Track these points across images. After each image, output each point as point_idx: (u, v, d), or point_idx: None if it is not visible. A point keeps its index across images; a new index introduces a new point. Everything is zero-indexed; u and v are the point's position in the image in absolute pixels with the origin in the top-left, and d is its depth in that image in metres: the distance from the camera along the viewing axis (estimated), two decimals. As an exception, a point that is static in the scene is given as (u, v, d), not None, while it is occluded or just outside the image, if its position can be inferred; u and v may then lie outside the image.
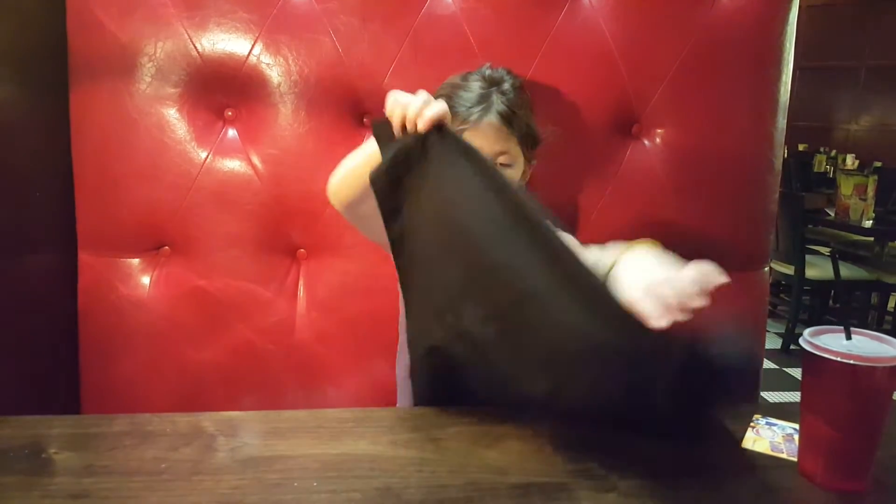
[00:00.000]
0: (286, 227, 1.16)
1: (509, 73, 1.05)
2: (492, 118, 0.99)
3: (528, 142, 1.04)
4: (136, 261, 1.15)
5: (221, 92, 1.13)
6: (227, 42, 1.11)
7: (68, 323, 1.15)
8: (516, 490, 0.67)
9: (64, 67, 1.11)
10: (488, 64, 1.05)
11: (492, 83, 1.01)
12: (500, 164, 1.00)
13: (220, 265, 1.15)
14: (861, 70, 5.72)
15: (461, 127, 0.97)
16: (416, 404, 0.93)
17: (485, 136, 0.99)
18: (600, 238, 1.20)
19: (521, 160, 1.03)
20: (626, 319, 0.65)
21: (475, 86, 1.01)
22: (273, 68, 1.12)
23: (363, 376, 1.14)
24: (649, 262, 0.79)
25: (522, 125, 1.02)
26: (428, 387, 0.89)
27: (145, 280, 1.15)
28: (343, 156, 1.14)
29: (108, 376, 1.15)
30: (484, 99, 0.99)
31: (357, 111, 1.15)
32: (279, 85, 1.12)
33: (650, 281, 0.69)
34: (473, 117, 0.99)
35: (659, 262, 0.77)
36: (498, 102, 1.00)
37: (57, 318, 1.15)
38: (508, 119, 1.00)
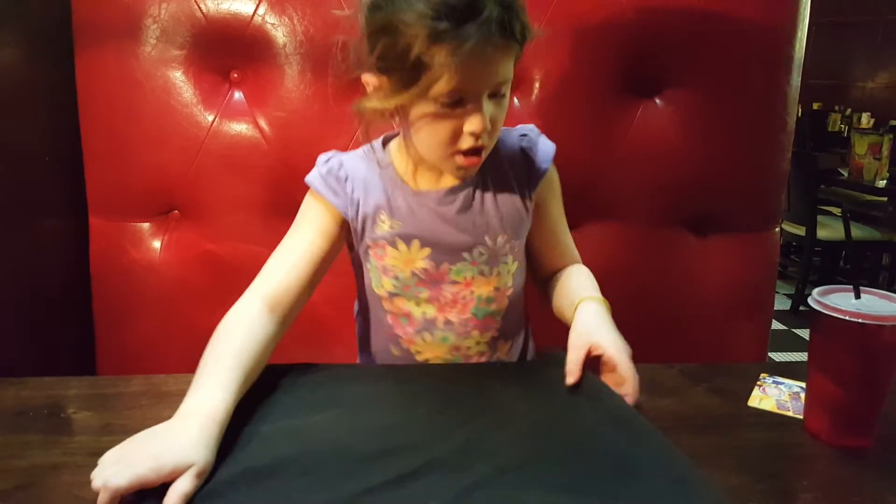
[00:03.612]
0: (294, 190, 1.16)
1: None
2: (491, 37, 0.68)
3: (525, 43, 0.74)
4: (146, 225, 1.16)
5: (227, 54, 1.12)
6: (231, 2, 1.10)
7: (81, 287, 1.16)
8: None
9: (68, 30, 1.10)
10: None
11: None
12: (498, 95, 0.74)
13: (230, 229, 1.16)
14: (879, 25, 5.57)
15: (451, 60, 0.67)
16: None
17: (485, 66, 0.70)
18: (612, 201, 1.20)
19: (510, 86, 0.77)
20: None
21: None
22: (278, 28, 1.10)
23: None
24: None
25: (523, 26, 0.72)
26: None
27: (156, 244, 1.16)
28: (349, 117, 1.13)
29: (122, 338, 1.17)
30: (475, 6, 0.67)
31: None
32: (285, 46, 1.11)
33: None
34: (468, 43, 0.66)
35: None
36: (493, 7, 0.67)
37: (70, 282, 1.16)
38: (510, 27, 0.69)
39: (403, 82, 0.71)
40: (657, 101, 1.18)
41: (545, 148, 0.88)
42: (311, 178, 0.86)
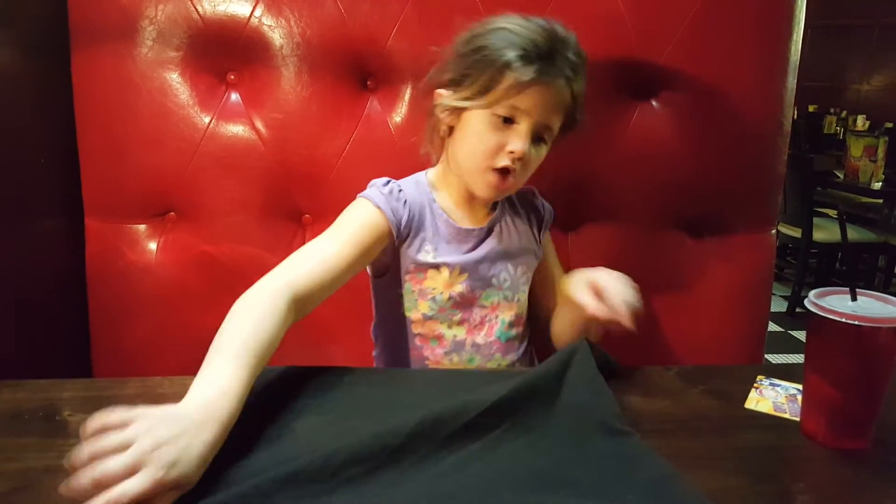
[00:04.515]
0: (291, 192, 1.16)
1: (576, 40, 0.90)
2: (562, 81, 0.86)
3: (569, 124, 0.92)
4: (142, 226, 1.16)
5: (223, 55, 1.12)
6: (228, 4, 1.09)
7: (77, 288, 1.16)
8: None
9: (65, 31, 1.10)
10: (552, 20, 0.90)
11: (558, 41, 0.86)
12: (538, 138, 0.88)
13: (226, 231, 1.15)
14: (874, 28, 5.60)
15: (530, 78, 0.83)
16: None
17: (550, 98, 0.86)
18: (609, 203, 1.20)
19: (550, 143, 0.92)
20: None
21: (538, 31, 0.85)
22: (275, 30, 1.10)
23: (368, 337, 1.15)
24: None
25: (577, 102, 0.89)
26: None
27: (152, 246, 1.15)
28: (346, 119, 1.14)
29: (118, 341, 1.16)
30: (552, 54, 0.85)
31: (360, 74, 1.14)
32: (281, 47, 1.11)
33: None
34: (551, 72, 0.84)
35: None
36: (564, 65, 0.86)
37: (66, 283, 1.16)
38: (574, 88, 0.88)
39: (478, 89, 0.86)
40: (653, 103, 1.19)
41: (547, 204, 1.06)
42: (371, 193, 0.92)
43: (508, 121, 0.86)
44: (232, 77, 1.14)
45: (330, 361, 0.86)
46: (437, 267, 0.93)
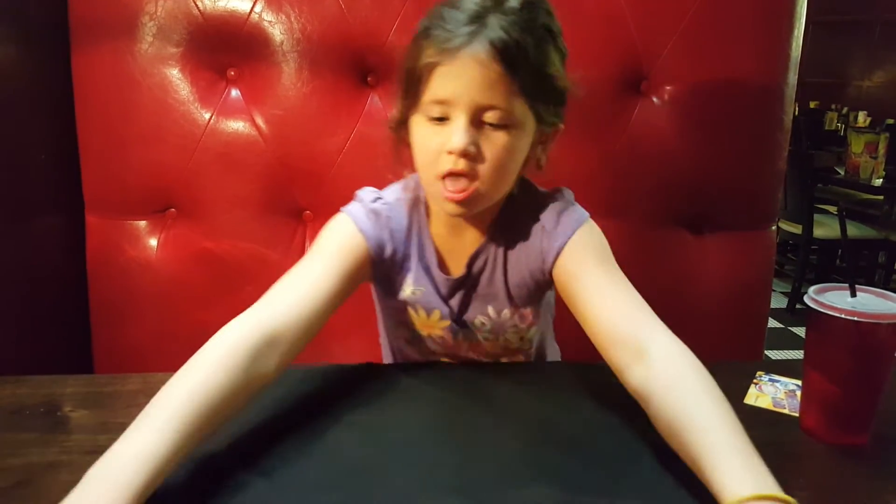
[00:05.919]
0: (291, 188, 1.16)
1: None
2: (478, 48, 0.66)
3: (545, 94, 0.72)
4: (143, 223, 1.16)
5: (224, 51, 1.12)
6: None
7: (78, 285, 1.16)
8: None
9: (65, 28, 1.10)
10: None
11: (488, 1, 0.68)
12: (488, 125, 0.69)
13: (227, 227, 1.15)
14: (876, 24, 5.59)
15: (433, 60, 0.67)
16: None
17: (464, 75, 0.67)
18: (608, 200, 1.20)
19: (528, 122, 0.72)
20: None
21: (468, 4, 0.68)
22: (275, 26, 1.10)
23: (368, 335, 1.15)
24: None
25: (531, 66, 0.68)
26: None
27: (153, 242, 1.15)
28: (346, 115, 1.14)
29: (118, 337, 1.17)
30: (475, 20, 0.66)
31: (360, 70, 1.14)
32: (282, 43, 1.11)
33: None
34: (451, 44, 0.66)
35: None
36: (494, 26, 0.66)
37: (66, 280, 1.16)
38: (506, 52, 0.66)
39: (404, 91, 0.73)
40: (654, 99, 1.18)
41: (567, 220, 0.79)
42: (355, 212, 0.79)
43: (443, 119, 0.70)
44: (232, 73, 1.13)
45: (331, 359, 0.86)
46: (414, 307, 0.82)
